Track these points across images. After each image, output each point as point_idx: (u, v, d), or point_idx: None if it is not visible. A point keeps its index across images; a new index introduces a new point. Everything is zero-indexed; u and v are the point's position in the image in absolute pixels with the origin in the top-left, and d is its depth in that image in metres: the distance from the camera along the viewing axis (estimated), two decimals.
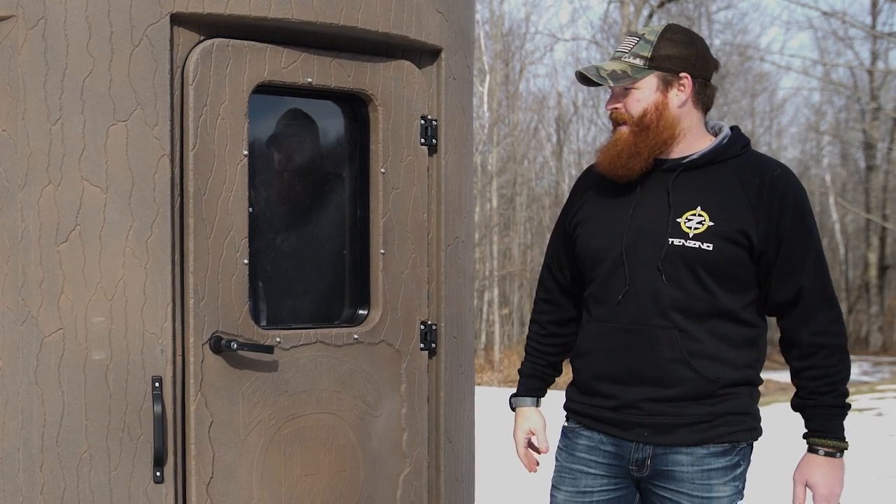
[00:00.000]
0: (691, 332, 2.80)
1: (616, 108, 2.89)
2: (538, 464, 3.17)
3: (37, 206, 2.69)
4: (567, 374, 3.05)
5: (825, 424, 2.84)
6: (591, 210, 3.02)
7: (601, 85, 2.90)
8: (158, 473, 2.78)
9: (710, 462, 2.85)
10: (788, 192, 2.85)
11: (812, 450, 2.85)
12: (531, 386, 3.20)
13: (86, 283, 2.72)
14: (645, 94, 2.86)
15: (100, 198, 2.73)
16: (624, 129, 2.87)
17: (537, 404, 3.19)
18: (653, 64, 2.86)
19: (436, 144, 3.32)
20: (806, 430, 2.87)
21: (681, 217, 2.83)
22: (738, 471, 2.89)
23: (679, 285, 2.81)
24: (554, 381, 3.22)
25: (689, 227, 2.81)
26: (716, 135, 2.96)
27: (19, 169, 2.70)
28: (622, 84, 2.85)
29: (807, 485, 2.86)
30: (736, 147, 2.92)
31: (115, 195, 2.74)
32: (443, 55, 3.34)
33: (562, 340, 3.18)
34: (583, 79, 2.92)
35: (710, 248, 2.79)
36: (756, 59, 31.79)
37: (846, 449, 2.85)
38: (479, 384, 16.95)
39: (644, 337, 2.84)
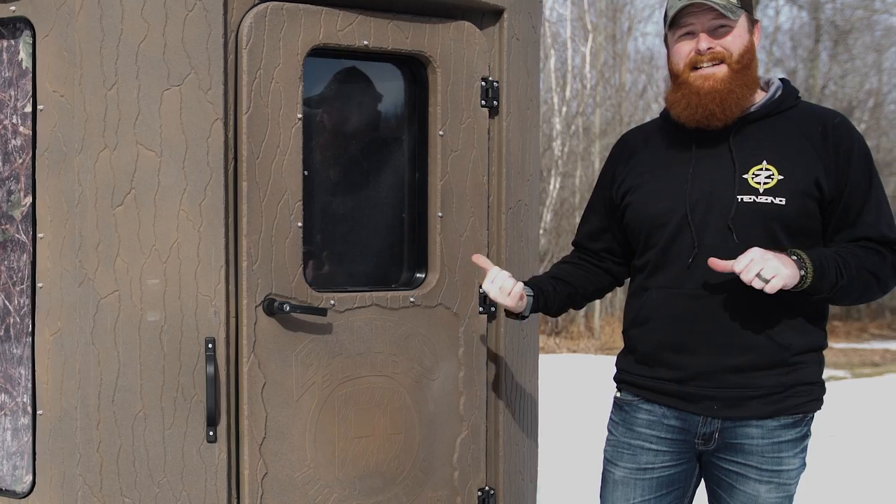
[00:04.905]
0: (763, 295, 2.64)
1: (711, 48, 2.76)
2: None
3: (93, 170, 2.74)
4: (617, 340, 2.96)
5: (819, 258, 2.65)
6: (641, 175, 2.91)
7: (712, 11, 2.74)
8: (211, 433, 2.82)
9: (781, 434, 2.77)
10: (853, 137, 2.75)
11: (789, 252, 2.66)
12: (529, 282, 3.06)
13: (141, 246, 2.76)
14: (742, 32, 2.78)
15: (154, 162, 2.77)
16: (721, 69, 2.74)
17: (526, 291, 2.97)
18: (742, 4, 2.78)
19: (497, 106, 3.27)
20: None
21: (747, 173, 2.73)
22: (806, 442, 2.83)
23: (752, 245, 2.66)
24: (542, 294, 3.01)
25: (759, 183, 2.71)
26: (764, 88, 2.85)
27: (76, 134, 2.75)
28: (737, 17, 2.75)
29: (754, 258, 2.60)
30: (791, 98, 2.83)
31: (170, 159, 2.77)
32: (505, 15, 3.27)
33: (572, 285, 3.08)
34: (677, 11, 2.77)
35: (784, 203, 2.69)
36: (882, 12, 30.50)
37: (807, 280, 2.61)
38: (575, 351, 16.82)
39: (714, 302, 2.74)
